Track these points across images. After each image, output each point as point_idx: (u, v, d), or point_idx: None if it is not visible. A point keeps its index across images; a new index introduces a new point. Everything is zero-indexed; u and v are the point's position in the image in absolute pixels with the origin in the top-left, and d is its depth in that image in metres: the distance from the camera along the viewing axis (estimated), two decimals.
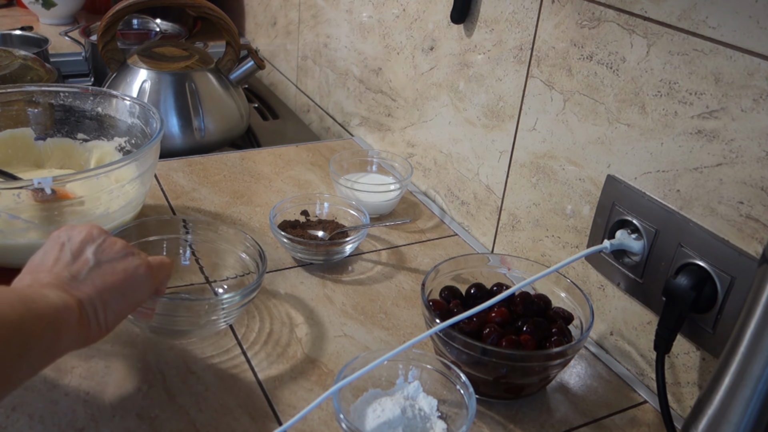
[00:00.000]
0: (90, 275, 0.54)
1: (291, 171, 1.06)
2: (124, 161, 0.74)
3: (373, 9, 1.10)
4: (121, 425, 0.58)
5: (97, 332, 0.53)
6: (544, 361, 0.62)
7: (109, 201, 0.75)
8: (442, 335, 0.62)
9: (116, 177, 0.77)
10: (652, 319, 0.68)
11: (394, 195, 0.96)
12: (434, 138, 1.00)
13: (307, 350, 0.70)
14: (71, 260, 0.55)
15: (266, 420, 0.61)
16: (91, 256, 0.55)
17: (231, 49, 1.19)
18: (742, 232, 0.58)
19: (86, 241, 0.56)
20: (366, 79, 1.16)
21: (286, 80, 1.54)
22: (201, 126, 1.13)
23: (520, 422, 0.64)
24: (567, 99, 0.74)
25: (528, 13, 0.78)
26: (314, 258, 0.83)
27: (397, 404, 0.59)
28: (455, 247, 0.91)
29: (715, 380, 0.51)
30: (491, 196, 0.89)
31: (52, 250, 0.56)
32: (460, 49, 0.91)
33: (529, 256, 0.84)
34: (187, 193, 0.96)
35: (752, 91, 0.56)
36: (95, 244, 0.56)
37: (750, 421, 0.49)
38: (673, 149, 0.63)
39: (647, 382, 0.70)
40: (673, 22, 0.61)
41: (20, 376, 0.47)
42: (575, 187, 0.75)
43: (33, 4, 1.70)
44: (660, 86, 0.63)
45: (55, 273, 0.53)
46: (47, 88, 0.91)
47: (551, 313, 0.68)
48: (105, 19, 1.11)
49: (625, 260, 0.69)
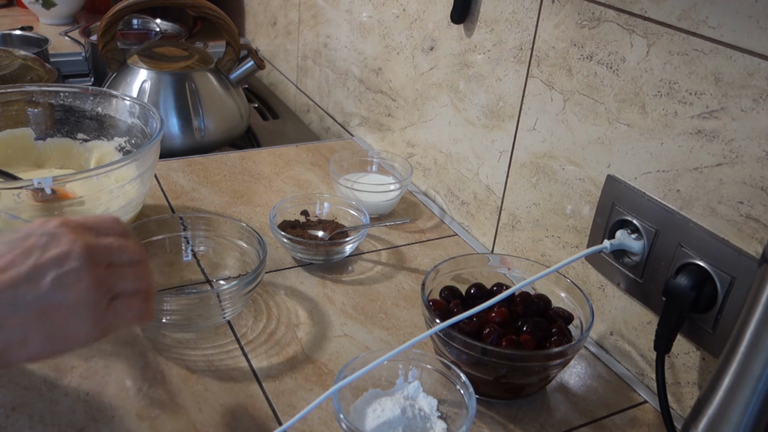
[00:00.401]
0: (31, 306, 0.45)
1: (291, 171, 1.06)
2: (124, 161, 0.74)
3: (373, 9, 1.10)
4: (121, 425, 0.58)
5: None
6: (544, 361, 0.62)
7: (109, 201, 0.75)
8: (442, 335, 0.62)
9: (116, 177, 0.77)
10: (652, 319, 0.68)
11: (394, 195, 0.96)
12: (434, 138, 1.00)
13: (307, 350, 0.70)
14: (26, 275, 0.45)
15: (266, 420, 0.61)
16: (47, 284, 0.45)
17: (231, 49, 1.19)
18: (742, 232, 0.58)
19: (59, 259, 0.46)
20: (366, 79, 1.16)
21: (286, 80, 1.54)
22: (201, 126, 1.13)
23: (520, 422, 0.64)
24: (567, 99, 0.74)
25: (528, 13, 0.78)
26: (314, 258, 0.83)
27: (397, 404, 0.59)
28: (455, 247, 0.91)
29: (715, 380, 0.51)
30: (491, 196, 0.89)
31: (18, 248, 0.47)
32: (460, 49, 0.91)
33: (529, 256, 0.83)
34: (187, 193, 0.96)
35: (752, 91, 0.56)
36: (63, 270, 0.46)
37: (750, 421, 0.49)
38: (673, 149, 0.63)
39: (647, 382, 0.70)
40: (673, 22, 0.61)
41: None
42: (575, 187, 0.75)
43: (33, 4, 1.69)
44: (660, 86, 0.63)
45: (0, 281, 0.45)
46: (47, 88, 0.91)
47: (551, 313, 0.68)
48: (105, 19, 1.11)
49: (625, 260, 0.69)
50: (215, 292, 0.68)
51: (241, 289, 0.68)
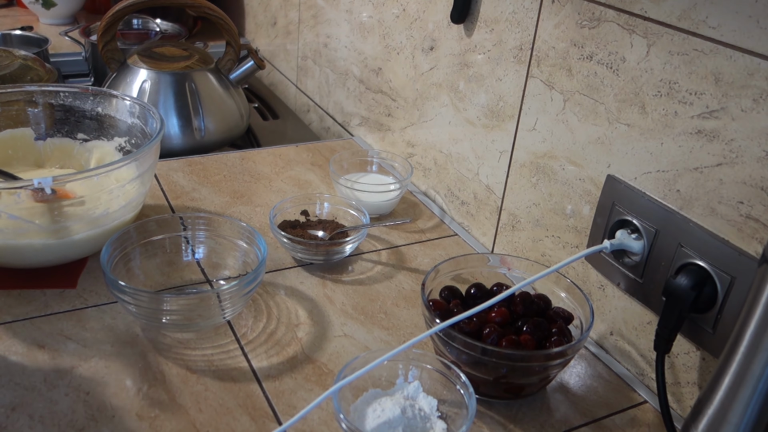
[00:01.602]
0: None
1: (291, 171, 1.06)
2: (125, 161, 0.74)
3: (373, 9, 1.10)
4: (121, 425, 0.58)
5: None
6: (544, 361, 0.62)
7: (109, 201, 0.75)
8: (442, 335, 0.62)
9: (116, 177, 0.77)
10: (652, 319, 0.68)
11: (394, 195, 0.96)
12: (434, 138, 1.00)
13: (307, 350, 0.70)
14: None
15: (266, 420, 0.61)
16: None
17: (231, 49, 1.19)
18: (742, 232, 0.58)
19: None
20: (366, 79, 1.16)
21: (286, 80, 1.54)
22: (201, 126, 1.13)
23: (520, 422, 0.64)
24: (567, 99, 0.74)
25: (528, 13, 0.78)
26: (314, 258, 0.83)
27: (397, 404, 0.59)
28: (455, 247, 0.91)
29: (715, 380, 0.51)
30: (491, 196, 0.89)
31: None
32: (460, 49, 0.91)
33: (529, 256, 0.83)
34: (187, 193, 0.96)
35: (752, 91, 0.56)
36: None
37: (750, 421, 0.49)
38: (673, 149, 0.63)
39: (647, 382, 0.70)
40: (673, 22, 0.61)
41: None
42: (575, 187, 0.75)
43: (33, 4, 1.69)
44: (660, 86, 0.63)
45: None
46: (47, 88, 0.91)
47: (551, 313, 0.68)
48: (105, 19, 1.11)
49: (625, 260, 0.69)
50: (215, 292, 0.68)
51: (241, 289, 0.68)
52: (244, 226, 0.76)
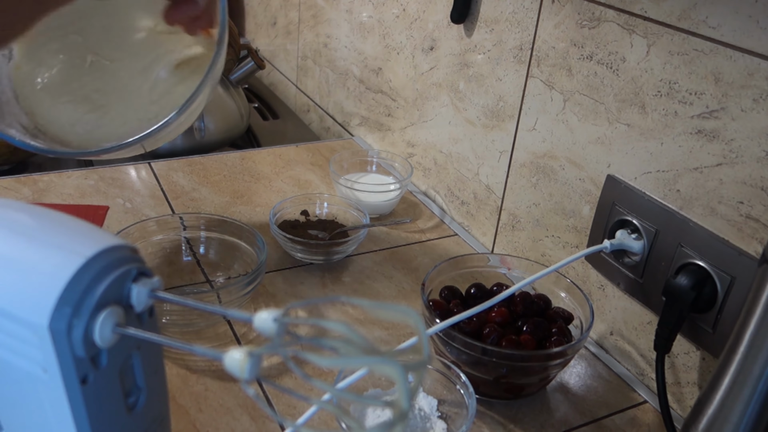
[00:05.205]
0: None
1: (291, 171, 1.06)
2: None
3: (373, 9, 1.10)
4: None
5: None
6: (544, 361, 0.62)
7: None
8: (442, 335, 0.62)
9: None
10: (652, 319, 0.68)
11: (394, 195, 0.96)
12: (434, 138, 1.00)
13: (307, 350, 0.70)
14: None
15: (266, 420, 0.61)
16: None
17: (231, 49, 1.19)
18: (742, 232, 0.58)
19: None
20: (366, 79, 1.16)
21: (286, 80, 1.54)
22: (201, 126, 1.13)
23: (520, 422, 0.64)
24: (567, 99, 0.74)
25: (528, 13, 0.78)
26: (314, 258, 0.83)
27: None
28: (455, 247, 0.91)
29: (715, 380, 0.51)
30: (491, 196, 0.89)
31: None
32: (460, 49, 0.91)
33: (529, 256, 0.84)
34: (187, 193, 0.96)
35: (752, 91, 0.56)
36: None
37: (750, 421, 0.49)
38: (673, 149, 0.63)
39: (647, 382, 0.70)
40: (673, 22, 0.61)
41: None
42: (575, 187, 0.75)
43: None
44: (660, 86, 0.63)
45: None
46: None
47: (551, 313, 0.68)
48: None
49: (625, 260, 0.69)
50: (215, 292, 0.68)
51: (241, 289, 0.68)
52: (244, 226, 0.76)
